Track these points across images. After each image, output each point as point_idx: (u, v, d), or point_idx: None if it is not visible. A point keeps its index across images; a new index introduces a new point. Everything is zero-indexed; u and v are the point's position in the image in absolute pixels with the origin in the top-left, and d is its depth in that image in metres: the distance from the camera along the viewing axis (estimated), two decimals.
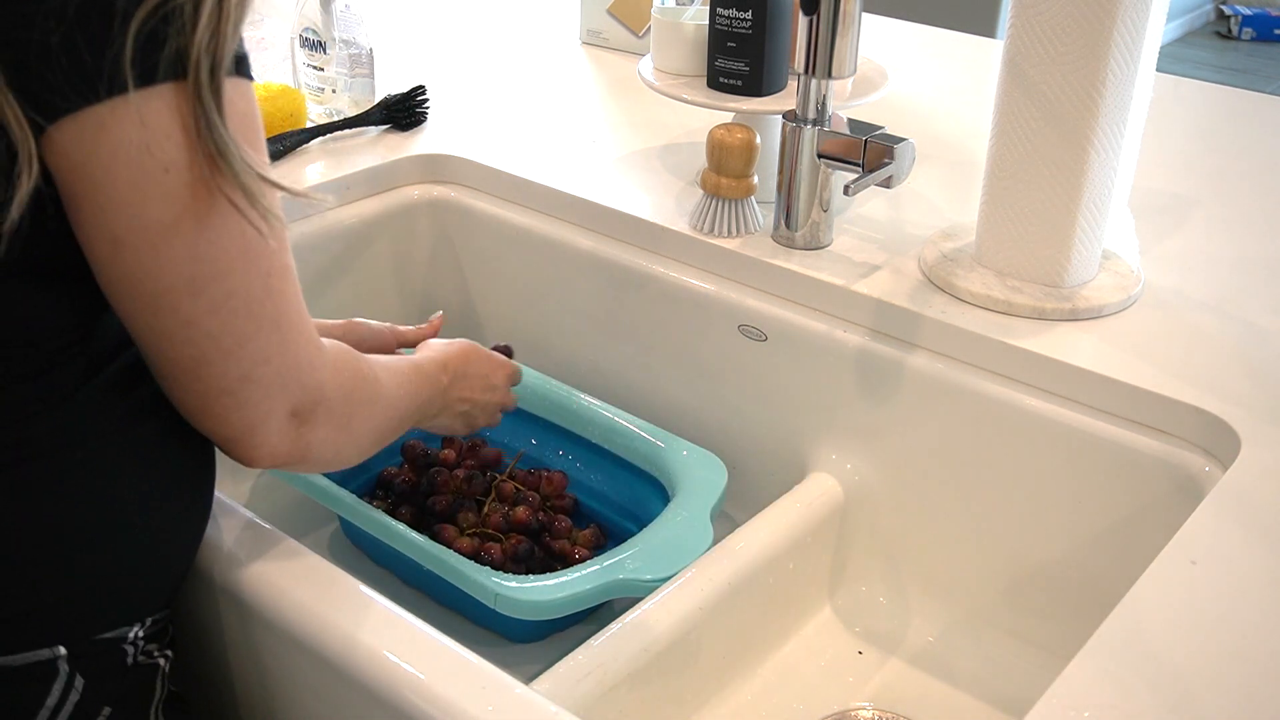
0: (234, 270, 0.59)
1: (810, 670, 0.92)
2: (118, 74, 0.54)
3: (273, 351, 0.62)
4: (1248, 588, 0.66)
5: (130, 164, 0.55)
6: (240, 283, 0.60)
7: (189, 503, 0.69)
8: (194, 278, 0.58)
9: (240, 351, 0.61)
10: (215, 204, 0.58)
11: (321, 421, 0.66)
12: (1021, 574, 0.89)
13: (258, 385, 0.62)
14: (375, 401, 0.72)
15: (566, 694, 0.74)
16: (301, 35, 1.21)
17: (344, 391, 0.68)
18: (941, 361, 0.90)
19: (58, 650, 0.62)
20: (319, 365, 0.65)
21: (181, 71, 0.55)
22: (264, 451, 0.65)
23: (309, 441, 0.66)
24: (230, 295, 0.60)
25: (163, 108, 0.55)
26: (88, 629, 0.63)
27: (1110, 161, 0.88)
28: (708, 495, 0.91)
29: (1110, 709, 0.58)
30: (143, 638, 0.67)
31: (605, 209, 1.06)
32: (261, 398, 0.63)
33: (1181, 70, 3.79)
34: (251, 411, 0.63)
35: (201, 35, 0.55)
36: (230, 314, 0.60)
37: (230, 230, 0.59)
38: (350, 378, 0.69)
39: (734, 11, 0.99)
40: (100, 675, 0.64)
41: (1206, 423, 0.80)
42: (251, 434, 0.64)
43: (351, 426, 0.69)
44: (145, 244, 0.57)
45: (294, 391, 0.64)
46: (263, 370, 0.62)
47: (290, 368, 0.63)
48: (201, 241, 0.58)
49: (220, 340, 0.60)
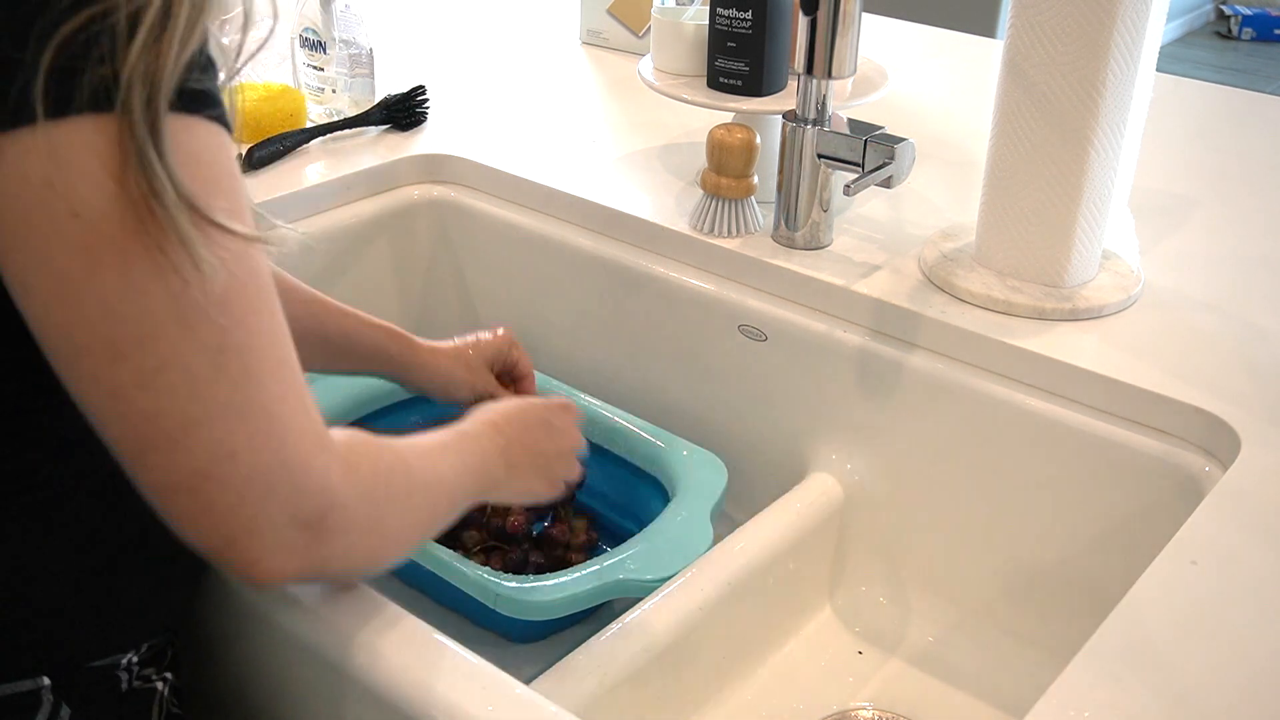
0: (164, 337, 0.50)
1: (810, 670, 0.92)
2: (24, 103, 0.47)
3: (238, 445, 0.52)
4: (1248, 588, 0.66)
5: (34, 204, 0.48)
6: (174, 353, 0.50)
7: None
8: (113, 341, 0.50)
9: (189, 441, 0.51)
10: (142, 257, 0.49)
11: (339, 531, 0.56)
12: (1021, 574, 0.89)
13: (225, 487, 0.52)
14: (410, 493, 0.62)
15: (566, 694, 0.74)
16: (301, 35, 1.21)
17: (363, 490, 0.57)
18: (941, 361, 0.90)
19: (41, 681, 0.60)
20: (321, 466, 0.54)
21: (106, 102, 0.48)
22: (262, 568, 0.54)
23: (326, 556, 0.56)
24: (162, 368, 0.50)
25: (78, 142, 0.48)
26: (76, 658, 0.61)
27: (1110, 161, 0.88)
28: (708, 495, 0.91)
29: (1110, 709, 0.58)
30: (138, 663, 0.65)
31: (605, 209, 1.06)
32: (236, 503, 0.52)
33: (1181, 70, 3.78)
34: (230, 519, 0.52)
35: (135, 59, 0.48)
36: (166, 392, 0.50)
37: (162, 290, 0.49)
38: (370, 473, 0.58)
39: (734, 11, 0.99)
40: (89, 703, 0.62)
41: (1206, 423, 0.80)
42: (234, 546, 0.53)
43: (382, 527, 0.59)
44: (53, 294, 0.49)
45: (287, 497, 0.53)
46: (226, 469, 0.52)
47: (272, 468, 0.52)
48: (123, 300, 0.49)
49: (158, 423, 0.51)
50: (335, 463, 0.55)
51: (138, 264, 0.49)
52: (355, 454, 0.58)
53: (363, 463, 0.58)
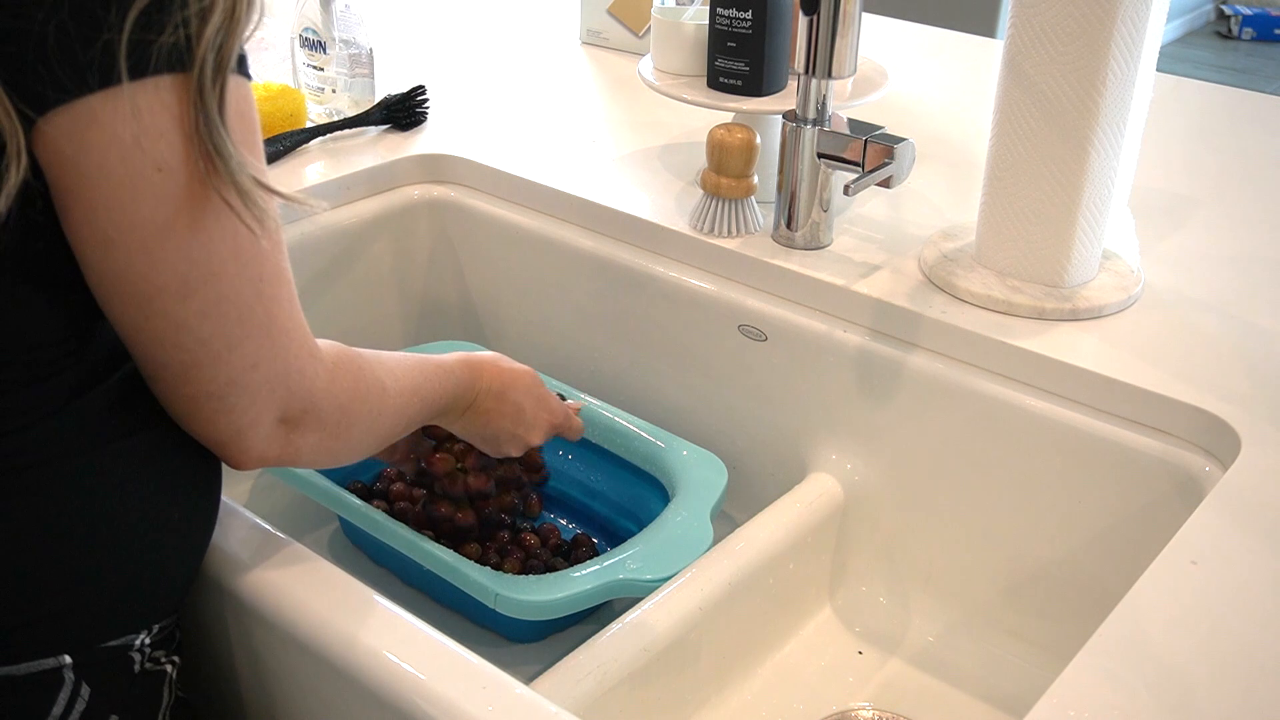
0: (226, 273, 0.58)
1: (810, 670, 0.92)
2: (111, 64, 0.52)
3: (261, 357, 0.61)
4: (1248, 588, 0.66)
5: (122, 160, 0.54)
6: (231, 287, 0.58)
7: (194, 509, 0.68)
8: (186, 280, 0.57)
9: (229, 356, 0.60)
10: (209, 205, 0.56)
11: (311, 428, 0.66)
12: (1021, 574, 0.89)
13: (245, 391, 0.61)
14: (377, 413, 0.71)
15: (566, 694, 0.74)
16: (301, 35, 1.21)
17: (339, 401, 0.67)
18: (941, 361, 0.90)
19: (63, 659, 0.61)
20: (310, 373, 0.64)
21: (182, 64, 0.53)
22: (251, 455, 0.64)
23: (298, 447, 0.66)
24: (221, 299, 0.58)
25: (157, 102, 0.53)
26: (94, 637, 0.63)
27: (1110, 161, 0.88)
28: (708, 495, 0.91)
29: (1110, 709, 0.58)
30: (149, 645, 0.66)
31: (605, 209, 1.06)
32: (249, 404, 0.62)
33: (1181, 70, 3.78)
34: (239, 417, 0.62)
35: (212, 29, 0.53)
36: (220, 318, 0.59)
37: (224, 232, 0.57)
38: (349, 386, 0.68)
39: (734, 11, 0.99)
40: (107, 683, 0.63)
41: (1206, 423, 0.80)
42: (239, 438, 0.63)
43: (346, 433, 0.69)
44: (136, 244, 0.56)
45: (282, 397, 0.63)
46: (250, 376, 0.61)
47: (279, 374, 0.62)
48: (195, 243, 0.57)
49: (210, 344, 0.59)
50: (323, 371, 0.65)
51: (207, 211, 0.56)
52: (340, 367, 0.67)
53: (344, 377, 0.68)
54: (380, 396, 0.71)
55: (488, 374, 0.84)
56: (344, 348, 0.69)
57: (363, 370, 0.70)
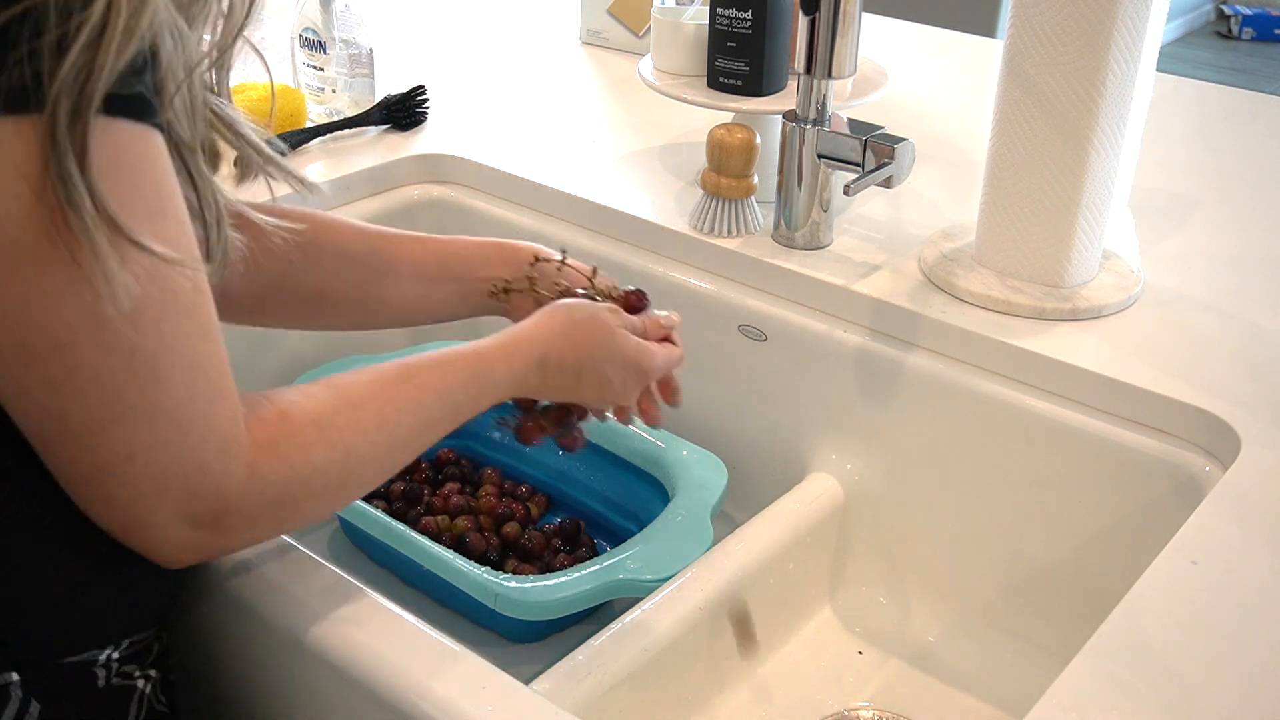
0: (78, 344, 0.50)
1: (810, 670, 0.92)
2: None
3: (138, 448, 0.52)
4: (1248, 588, 0.66)
5: None
6: (87, 360, 0.50)
7: None
8: (25, 345, 0.50)
9: (94, 441, 0.52)
10: (58, 265, 0.48)
11: (237, 529, 0.57)
12: (1021, 574, 0.89)
13: (124, 484, 0.53)
14: (343, 482, 0.61)
15: (566, 694, 0.74)
16: (301, 35, 1.21)
17: (269, 497, 0.57)
18: (941, 361, 0.90)
19: (9, 676, 0.58)
20: (218, 471, 0.54)
21: (25, 104, 0.46)
22: (163, 554, 0.56)
23: (226, 546, 0.58)
24: (74, 373, 0.50)
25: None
26: (48, 653, 0.60)
27: (1110, 161, 0.88)
28: (708, 495, 0.91)
29: (1110, 709, 0.58)
30: (118, 659, 0.63)
31: (605, 209, 1.06)
32: (134, 498, 0.53)
33: (1181, 70, 3.78)
34: (125, 509, 0.54)
35: (69, 65, 0.46)
36: (75, 395, 0.51)
37: (76, 297, 0.49)
38: (285, 476, 0.57)
39: (734, 11, 0.99)
40: (61, 699, 0.60)
41: (1206, 423, 0.80)
42: (140, 532, 0.55)
43: (295, 520, 0.60)
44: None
45: (177, 498, 0.54)
46: (126, 468, 0.52)
47: (168, 471, 0.53)
48: (36, 306, 0.49)
49: (66, 423, 0.51)
50: (237, 467, 0.55)
51: (52, 273, 0.49)
52: (271, 454, 0.57)
53: (279, 466, 0.57)
54: (345, 458, 0.60)
55: (555, 351, 0.71)
56: (294, 412, 0.59)
57: (312, 445, 0.59)
